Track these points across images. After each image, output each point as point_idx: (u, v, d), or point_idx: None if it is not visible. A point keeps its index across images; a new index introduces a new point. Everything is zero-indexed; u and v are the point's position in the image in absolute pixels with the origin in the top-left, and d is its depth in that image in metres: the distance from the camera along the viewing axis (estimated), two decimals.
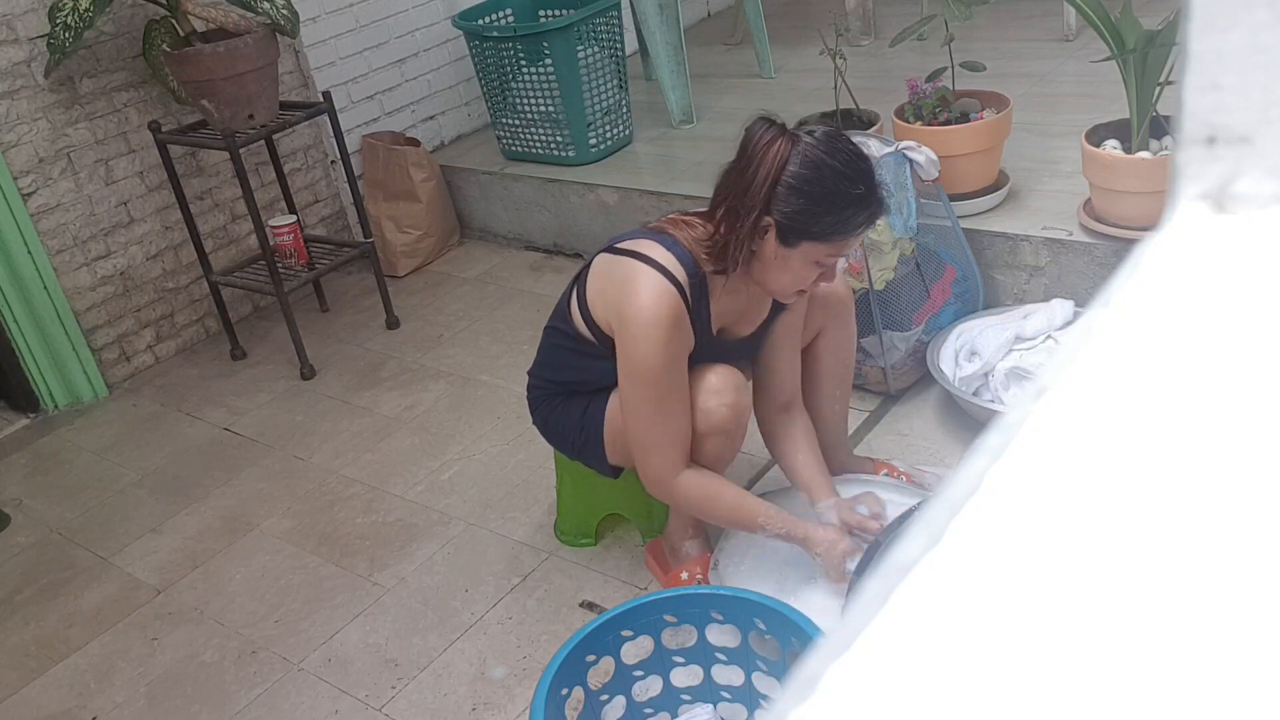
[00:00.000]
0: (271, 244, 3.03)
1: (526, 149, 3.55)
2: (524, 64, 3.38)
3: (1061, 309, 2.37)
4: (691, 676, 1.69)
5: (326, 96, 3.02)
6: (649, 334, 1.65)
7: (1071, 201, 2.56)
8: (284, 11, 2.82)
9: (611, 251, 1.76)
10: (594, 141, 3.44)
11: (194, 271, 3.26)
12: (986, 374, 2.31)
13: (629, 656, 1.64)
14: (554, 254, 3.53)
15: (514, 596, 2.09)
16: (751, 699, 1.65)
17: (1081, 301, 2.43)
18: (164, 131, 2.95)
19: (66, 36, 2.66)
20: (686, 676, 1.69)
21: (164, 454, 2.80)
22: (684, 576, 1.97)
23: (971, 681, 0.29)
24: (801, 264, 1.66)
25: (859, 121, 2.72)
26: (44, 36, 2.76)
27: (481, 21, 3.55)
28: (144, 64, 3.00)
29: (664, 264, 1.67)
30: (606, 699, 1.63)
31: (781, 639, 1.56)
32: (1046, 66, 3.50)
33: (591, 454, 1.91)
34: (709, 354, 1.79)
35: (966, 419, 2.34)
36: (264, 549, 2.36)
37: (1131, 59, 2.23)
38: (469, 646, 1.99)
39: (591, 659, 1.56)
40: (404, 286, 3.49)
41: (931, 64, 2.67)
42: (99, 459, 2.82)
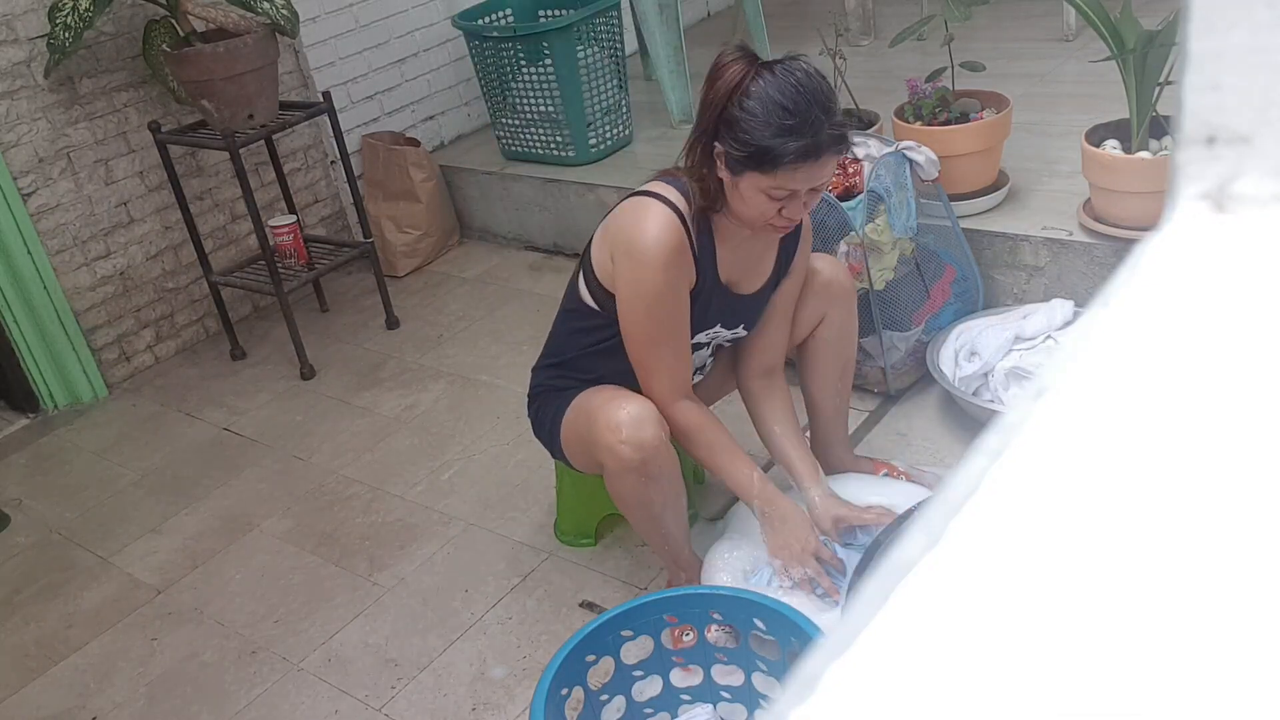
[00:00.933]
0: (271, 244, 3.03)
1: (526, 149, 3.55)
2: (524, 64, 3.38)
3: (1061, 309, 2.37)
4: (692, 676, 1.69)
5: (326, 96, 3.02)
6: (648, 257, 1.67)
7: (1071, 201, 2.56)
8: (284, 11, 2.82)
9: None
10: (594, 141, 3.44)
11: (194, 271, 3.26)
12: (986, 374, 2.31)
13: (629, 656, 1.64)
14: (554, 254, 3.53)
15: (514, 596, 2.09)
16: (751, 699, 1.65)
17: (1081, 301, 2.43)
18: (164, 131, 2.95)
19: (66, 36, 2.66)
20: (686, 676, 1.69)
21: (164, 454, 2.80)
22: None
23: (971, 681, 0.29)
24: (752, 194, 1.64)
25: (859, 121, 2.72)
26: (44, 36, 2.75)
27: (481, 21, 3.55)
28: (144, 64, 3.00)
29: (665, 195, 1.71)
30: (606, 699, 1.63)
31: (781, 639, 1.56)
32: (1046, 66, 3.50)
33: (561, 454, 1.93)
34: (718, 305, 1.81)
35: (966, 419, 2.34)
36: (264, 549, 2.36)
37: (1131, 59, 2.23)
38: (469, 646, 1.99)
39: (591, 659, 1.56)
40: (404, 286, 3.49)
41: (931, 64, 2.67)
42: (99, 459, 2.82)
